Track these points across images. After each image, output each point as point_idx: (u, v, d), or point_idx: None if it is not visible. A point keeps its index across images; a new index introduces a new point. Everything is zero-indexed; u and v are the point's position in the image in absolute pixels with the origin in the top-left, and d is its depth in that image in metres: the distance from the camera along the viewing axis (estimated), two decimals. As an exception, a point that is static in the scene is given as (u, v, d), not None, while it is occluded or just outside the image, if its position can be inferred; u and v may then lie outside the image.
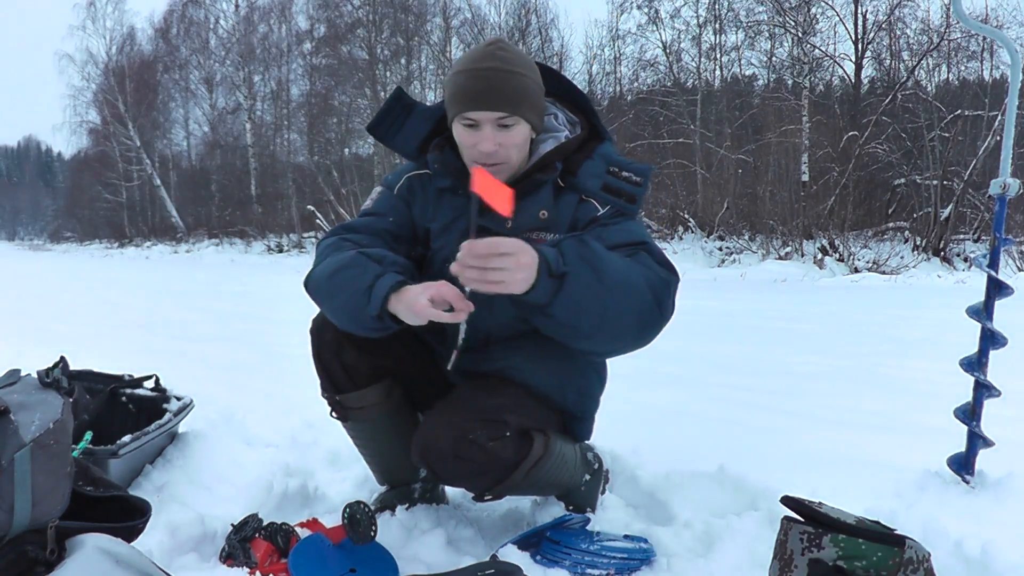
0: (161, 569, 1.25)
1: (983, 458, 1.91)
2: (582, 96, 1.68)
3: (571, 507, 1.78)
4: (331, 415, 1.75)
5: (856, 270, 12.89)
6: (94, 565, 1.16)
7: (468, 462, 1.48)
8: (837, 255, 13.55)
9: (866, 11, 16.42)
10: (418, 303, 1.34)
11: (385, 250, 1.54)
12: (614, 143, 1.68)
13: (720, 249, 15.43)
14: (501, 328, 1.63)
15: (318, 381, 1.72)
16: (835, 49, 17.22)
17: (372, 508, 1.55)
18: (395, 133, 1.66)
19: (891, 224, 15.12)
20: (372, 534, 1.49)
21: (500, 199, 1.28)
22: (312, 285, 1.56)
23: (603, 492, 1.87)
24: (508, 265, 1.26)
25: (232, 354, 4.38)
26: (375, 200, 1.71)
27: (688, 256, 15.28)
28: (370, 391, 1.68)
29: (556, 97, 1.67)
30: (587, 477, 1.79)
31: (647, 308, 1.40)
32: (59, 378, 1.40)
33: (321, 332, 1.65)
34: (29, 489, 1.20)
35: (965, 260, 13.25)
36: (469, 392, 1.58)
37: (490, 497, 1.58)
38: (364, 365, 1.65)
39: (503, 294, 1.30)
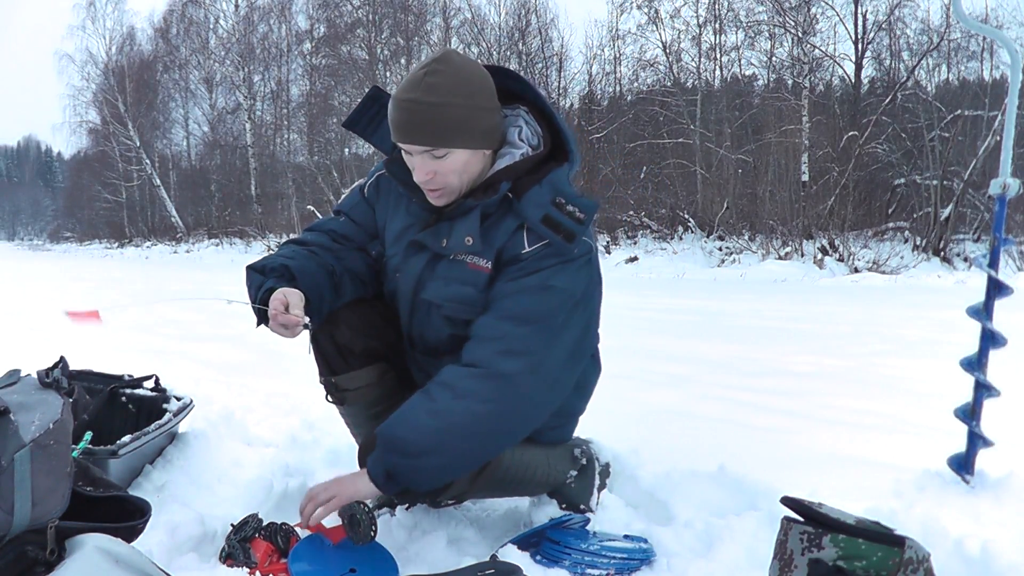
0: (161, 569, 1.25)
1: (983, 458, 1.91)
2: (548, 109, 1.59)
3: (564, 504, 1.78)
4: (327, 399, 1.76)
5: (856, 270, 12.89)
6: (94, 565, 1.16)
7: None
8: (837, 255, 13.55)
9: (866, 11, 16.44)
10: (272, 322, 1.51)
11: (275, 256, 1.64)
12: (576, 163, 1.58)
13: (720, 249, 15.43)
14: (441, 343, 1.62)
15: (316, 369, 1.73)
16: (835, 49, 17.25)
17: (371, 508, 1.55)
18: (374, 131, 1.67)
19: (891, 224, 15.12)
20: (372, 534, 1.49)
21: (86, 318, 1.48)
22: None
23: (603, 491, 1.87)
24: (320, 497, 1.48)
25: (232, 354, 4.38)
26: (345, 197, 1.78)
27: (688, 256, 15.29)
28: (364, 372, 1.70)
29: (530, 105, 1.59)
30: (573, 473, 1.78)
31: (490, 424, 1.44)
32: (59, 378, 1.40)
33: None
34: (29, 489, 1.20)
35: (965, 260, 13.25)
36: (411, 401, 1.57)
37: (452, 502, 1.63)
38: (357, 345, 1.67)
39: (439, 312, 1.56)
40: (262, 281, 1.56)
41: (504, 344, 1.44)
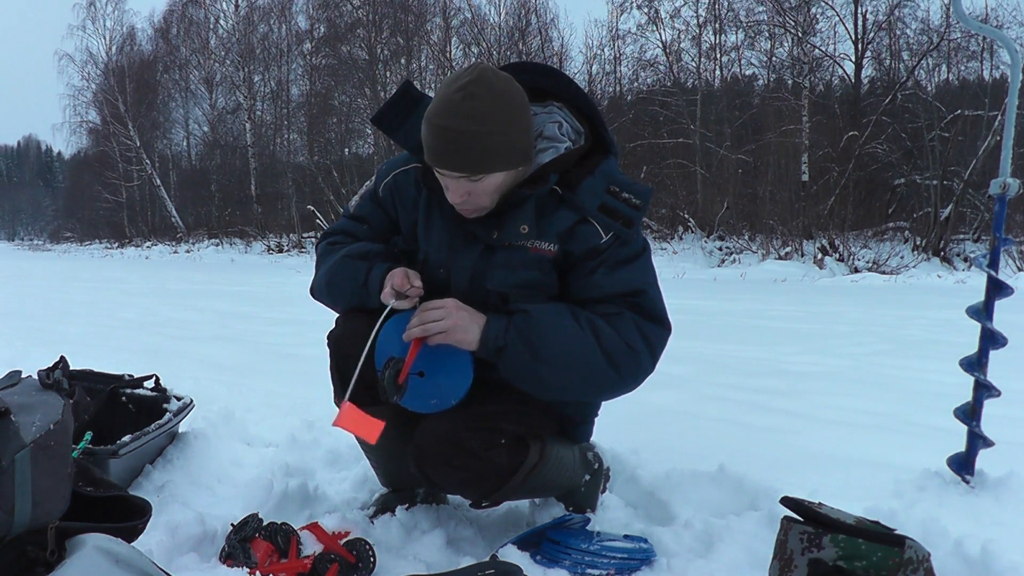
0: (161, 569, 1.25)
1: (983, 458, 1.92)
2: (589, 104, 1.61)
3: (571, 507, 1.78)
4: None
5: (856, 270, 12.90)
6: (94, 565, 1.16)
7: (463, 471, 1.49)
8: (837, 255, 13.56)
9: (866, 11, 16.47)
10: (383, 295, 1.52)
11: (366, 244, 1.67)
12: (618, 156, 1.62)
13: (720, 249, 15.44)
14: None
15: (332, 389, 1.69)
16: (835, 49, 17.28)
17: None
18: (399, 126, 1.62)
19: (891, 224, 15.14)
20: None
21: (367, 430, 1.41)
22: (316, 294, 1.74)
23: (603, 492, 1.87)
24: (439, 315, 1.46)
25: (232, 354, 4.38)
26: (357, 203, 1.76)
27: (688, 256, 15.29)
28: (387, 406, 1.64)
29: (564, 102, 1.60)
30: (587, 477, 1.79)
31: (597, 377, 1.51)
32: (60, 379, 1.40)
33: (341, 345, 1.62)
34: (29, 490, 1.20)
35: (965, 260, 13.26)
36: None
37: (487, 504, 1.60)
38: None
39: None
40: (369, 266, 1.59)
41: (636, 325, 1.52)
